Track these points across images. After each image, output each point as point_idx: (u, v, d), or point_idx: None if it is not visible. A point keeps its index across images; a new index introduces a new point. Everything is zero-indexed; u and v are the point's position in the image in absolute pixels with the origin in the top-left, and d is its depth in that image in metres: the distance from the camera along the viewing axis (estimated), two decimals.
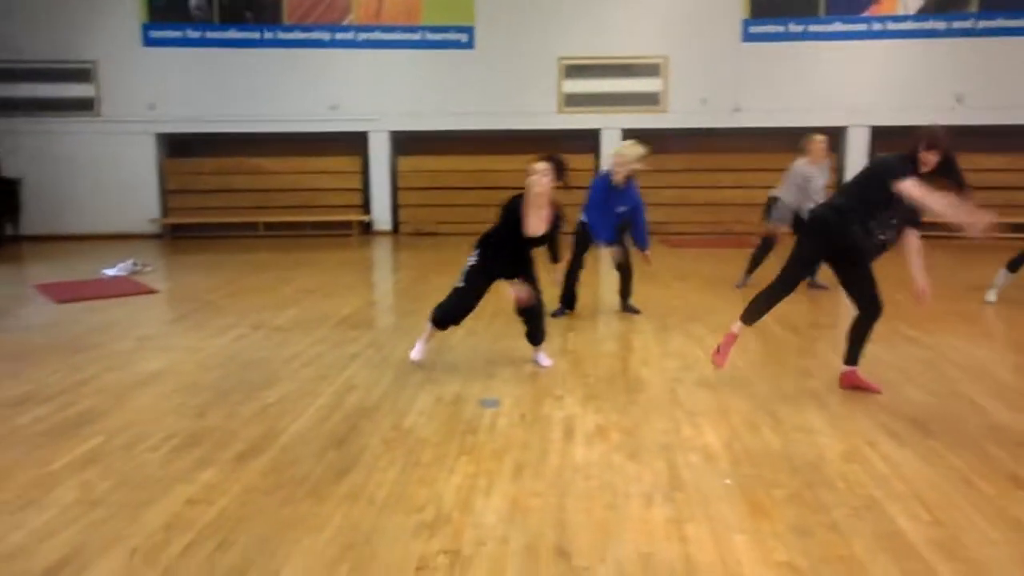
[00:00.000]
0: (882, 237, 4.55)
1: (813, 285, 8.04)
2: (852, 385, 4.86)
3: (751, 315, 4.93)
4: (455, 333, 6.31)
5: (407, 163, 13.40)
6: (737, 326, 4.96)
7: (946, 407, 4.57)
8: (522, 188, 5.12)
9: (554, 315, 6.88)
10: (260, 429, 4.26)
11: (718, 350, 4.98)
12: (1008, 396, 4.78)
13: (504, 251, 5.30)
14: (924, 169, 4.36)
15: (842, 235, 4.56)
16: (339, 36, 13.01)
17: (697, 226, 12.89)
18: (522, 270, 5.36)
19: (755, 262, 8.30)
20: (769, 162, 12.66)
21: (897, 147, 13.72)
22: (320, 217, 13.30)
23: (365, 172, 13.46)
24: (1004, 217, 8.46)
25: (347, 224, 13.29)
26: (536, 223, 5.14)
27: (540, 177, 5.02)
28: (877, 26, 12.27)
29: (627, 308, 7.22)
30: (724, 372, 5.25)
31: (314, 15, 12.99)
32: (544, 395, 4.80)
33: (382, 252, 11.90)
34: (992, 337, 6.34)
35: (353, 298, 8.15)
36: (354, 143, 13.42)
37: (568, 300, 7.09)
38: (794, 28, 12.46)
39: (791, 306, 7.34)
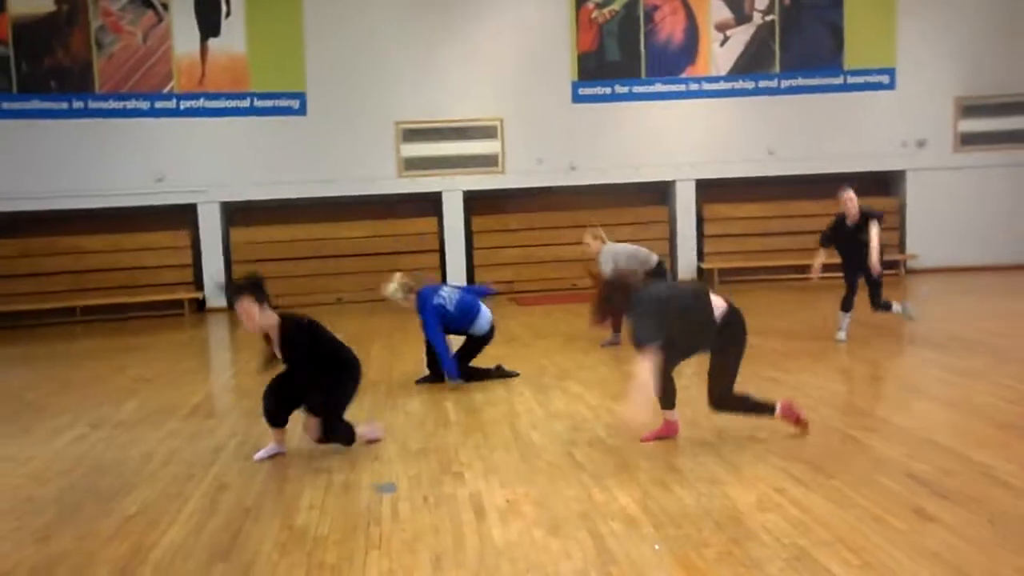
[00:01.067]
0: None
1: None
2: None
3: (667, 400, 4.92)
4: None
5: (241, 235, 12.73)
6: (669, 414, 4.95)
7: (830, 445, 4.71)
8: (361, 254, 4.86)
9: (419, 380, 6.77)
10: (125, 547, 3.69)
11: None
12: (879, 428, 5.00)
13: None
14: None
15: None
16: (160, 105, 12.28)
17: (543, 283, 13.03)
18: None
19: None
20: (607, 217, 13.11)
21: (720, 198, 14.43)
22: (147, 297, 12.31)
23: (196, 246, 12.65)
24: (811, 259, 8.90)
25: (178, 303, 12.38)
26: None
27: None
28: (694, 86, 13.09)
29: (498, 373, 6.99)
30: (612, 429, 5.18)
31: (130, 83, 12.21)
32: (442, 472, 4.51)
33: (220, 331, 11.14)
34: (843, 372, 6.69)
35: (200, 384, 7.50)
36: (182, 216, 12.60)
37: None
38: (620, 89, 13.05)
39: None
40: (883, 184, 13.57)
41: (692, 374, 6.69)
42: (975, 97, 12.95)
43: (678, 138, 13.09)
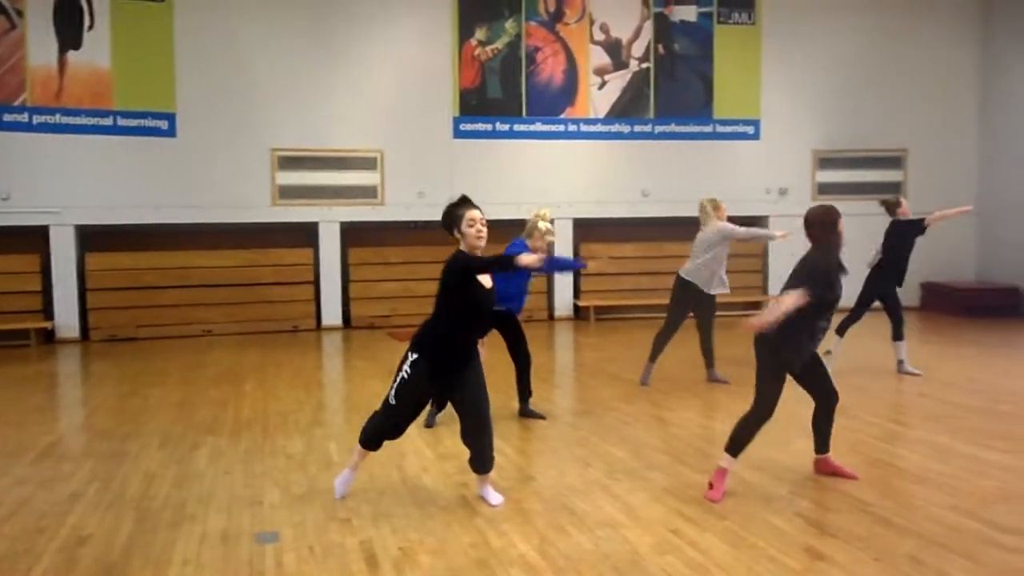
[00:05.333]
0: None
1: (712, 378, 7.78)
2: (829, 471, 4.81)
3: (736, 446, 4.57)
4: (198, 454, 5.52)
5: (97, 260, 11.87)
6: (726, 460, 4.58)
7: None
8: (231, 284, 4.46)
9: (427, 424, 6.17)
10: None
11: (711, 486, 4.54)
12: (762, 465, 5.12)
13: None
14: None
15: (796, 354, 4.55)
16: (9, 118, 11.35)
17: (422, 318, 12.82)
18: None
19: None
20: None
21: (597, 237, 14.61)
22: None
23: (46, 272, 11.70)
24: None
25: (23, 333, 11.36)
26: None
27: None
28: (573, 127, 13.35)
29: (528, 411, 6.44)
30: (506, 469, 5.07)
31: None
32: (328, 519, 4.26)
33: (72, 364, 10.28)
34: (723, 409, 6.83)
35: (51, 423, 6.86)
36: (30, 239, 11.64)
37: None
38: (501, 127, 13.14)
39: (546, 393, 7.46)
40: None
41: (583, 412, 6.70)
42: (830, 151, 13.84)
43: (557, 177, 13.27)
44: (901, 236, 8.11)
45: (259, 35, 12.24)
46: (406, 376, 4.44)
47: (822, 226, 4.63)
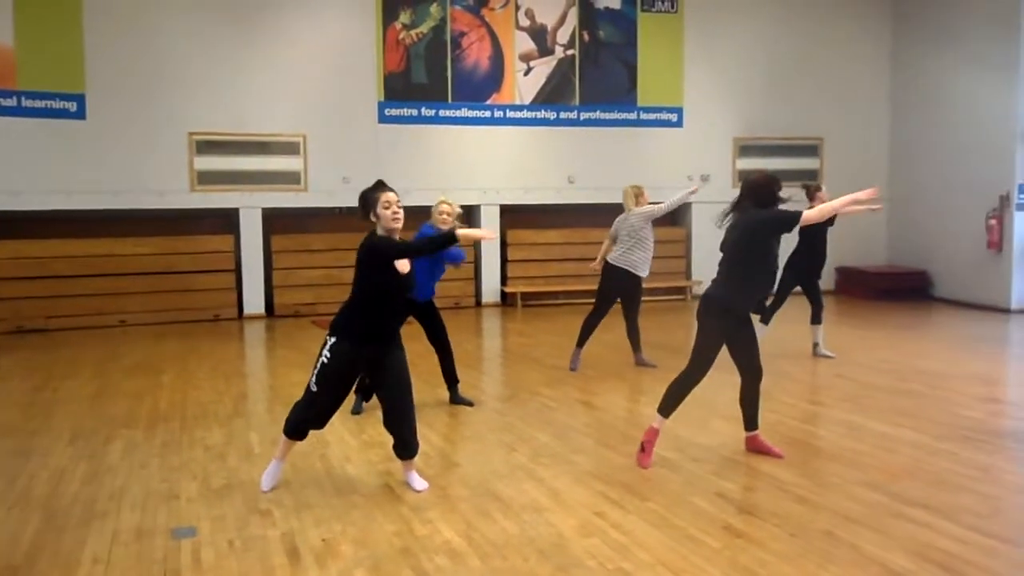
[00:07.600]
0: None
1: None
2: (757, 449, 5.00)
3: (668, 406, 4.83)
4: (112, 449, 5.32)
5: (2, 248, 11.34)
6: (658, 421, 4.84)
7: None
8: (147, 272, 4.37)
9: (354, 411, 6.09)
10: None
11: (642, 448, 4.80)
12: (685, 449, 5.20)
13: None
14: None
15: (742, 311, 4.84)
16: None
17: None
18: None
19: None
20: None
21: (523, 223, 14.47)
22: None
23: None
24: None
25: None
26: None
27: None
28: (499, 113, 13.31)
29: (457, 398, 6.44)
30: (432, 456, 5.04)
31: None
32: (248, 512, 4.16)
33: None
34: (647, 393, 6.93)
35: None
36: None
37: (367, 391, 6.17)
38: (426, 112, 13.01)
39: (472, 379, 7.44)
40: (670, 215, 14.44)
41: (509, 397, 6.70)
42: (750, 138, 14.16)
43: (483, 163, 13.23)
44: (815, 224, 8.35)
45: (174, 14, 11.80)
46: (326, 360, 4.38)
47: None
